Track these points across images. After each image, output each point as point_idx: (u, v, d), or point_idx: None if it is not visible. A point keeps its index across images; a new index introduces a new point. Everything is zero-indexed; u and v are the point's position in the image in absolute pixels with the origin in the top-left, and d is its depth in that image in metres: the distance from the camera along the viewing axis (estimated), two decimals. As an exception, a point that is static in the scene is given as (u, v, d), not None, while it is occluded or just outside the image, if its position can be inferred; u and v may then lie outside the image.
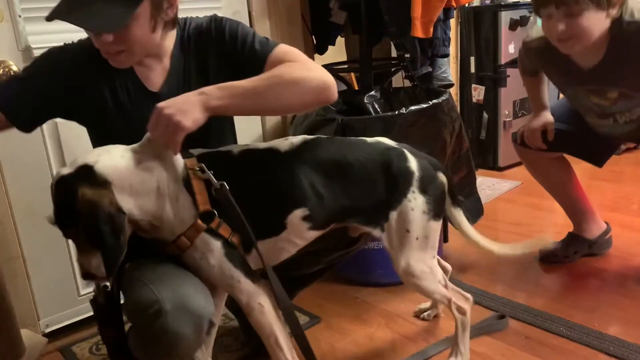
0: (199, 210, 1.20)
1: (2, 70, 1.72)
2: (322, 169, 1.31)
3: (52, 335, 1.94)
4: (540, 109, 2.11)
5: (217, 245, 1.21)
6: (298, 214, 1.29)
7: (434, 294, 1.49)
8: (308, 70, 1.27)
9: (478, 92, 3.47)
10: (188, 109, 1.14)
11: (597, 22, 1.65)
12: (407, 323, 1.90)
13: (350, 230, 1.51)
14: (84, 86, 1.32)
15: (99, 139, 1.31)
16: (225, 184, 1.20)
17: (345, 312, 2.01)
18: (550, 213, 2.76)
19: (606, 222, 2.25)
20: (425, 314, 1.90)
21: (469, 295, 1.57)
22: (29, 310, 1.88)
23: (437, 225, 1.42)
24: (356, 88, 2.91)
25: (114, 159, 1.17)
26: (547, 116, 2.08)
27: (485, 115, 3.51)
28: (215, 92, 1.18)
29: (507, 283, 2.12)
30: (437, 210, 1.41)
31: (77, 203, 1.10)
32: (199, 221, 1.20)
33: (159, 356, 1.24)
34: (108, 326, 1.37)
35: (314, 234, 1.36)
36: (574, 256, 2.20)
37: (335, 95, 1.30)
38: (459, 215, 1.56)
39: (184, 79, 1.37)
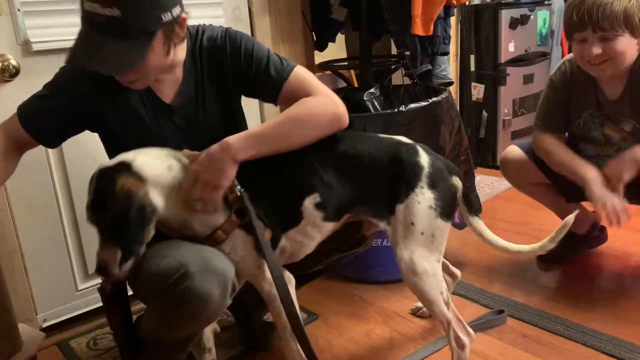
0: (233, 207, 1.27)
1: (1, 63, 1.72)
2: (332, 159, 1.36)
3: (50, 330, 1.94)
4: (588, 166, 1.85)
5: (248, 238, 1.28)
6: (311, 200, 1.34)
7: (433, 306, 1.43)
8: (322, 106, 1.34)
9: (478, 91, 3.47)
10: (222, 167, 1.24)
11: (630, 48, 1.70)
12: (405, 321, 1.90)
13: (363, 228, 1.54)
14: (104, 103, 1.34)
15: (116, 151, 1.32)
16: (244, 191, 1.27)
17: (343, 309, 2.01)
18: (549, 212, 2.75)
19: (594, 211, 2.24)
20: (421, 311, 1.91)
21: (472, 332, 1.51)
22: (27, 304, 1.88)
23: (444, 225, 1.40)
24: (356, 85, 2.91)
25: (149, 159, 1.25)
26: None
27: (484, 113, 3.51)
28: (241, 145, 1.26)
29: (505, 281, 2.12)
30: (446, 210, 1.39)
31: (115, 191, 1.18)
32: (234, 216, 1.26)
33: (182, 324, 1.27)
34: (115, 313, 1.41)
35: (328, 226, 1.39)
36: (570, 254, 2.20)
37: (346, 122, 1.38)
38: (479, 224, 1.53)
39: (196, 89, 1.38)
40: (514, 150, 2.14)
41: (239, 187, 1.27)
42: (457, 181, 1.43)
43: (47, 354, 1.85)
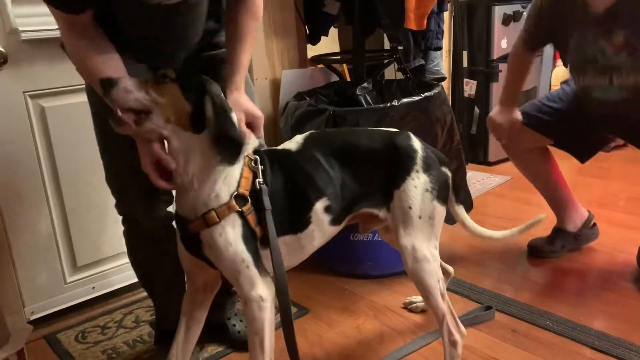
0: (238, 192, 1.24)
1: (-12, 52, 1.69)
2: (333, 159, 1.36)
3: (38, 323, 1.92)
4: (512, 102, 2.14)
5: (240, 226, 1.23)
6: (321, 204, 1.34)
7: (430, 295, 1.43)
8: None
9: (470, 87, 3.47)
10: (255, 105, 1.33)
11: None
12: (396, 315, 1.90)
13: (361, 227, 1.54)
14: None
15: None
16: (265, 185, 1.26)
17: (333, 304, 2.01)
18: (539, 208, 2.76)
19: (588, 210, 2.28)
20: (413, 305, 1.91)
21: (463, 329, 1.50)
22: (14, 297, 1.86)
23: (441, 209, 1.42)
24: (348, 79, 2.90)
25: None
26: (517, 113, 2.13)
27: (476, 109, 3.52)
28: (242, 83, 1.34)
29: (495, 277, 2.13)
30: (441, 193, 1.41)
31: None
32: (233, 201, 1.22)
33: None
34: None
35: (332, 230, 1.39)
36: (561, 250, 2.23)
37: None
38: (461, 211, 1.58)
39: None
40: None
41: (260, 180, 1.26)
42: (447, 170, 1.46)
43: (34, 347, 1.83)
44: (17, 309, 1.87)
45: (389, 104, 1.94)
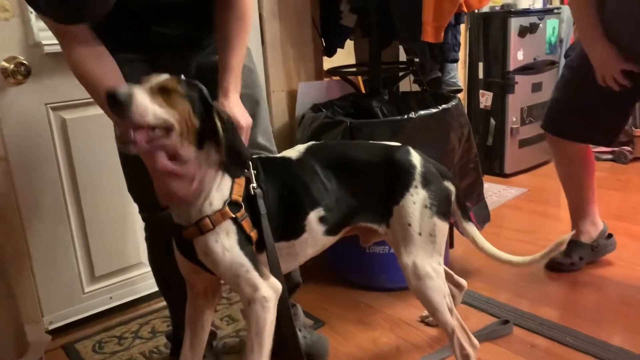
0: (231, 199, 1.24)
1: (13, 65, 1.72)
2: (331, 171, 1.36)
3: (56, 333, 1.94)
4: (602, 36, 1.88)
5: (234, 232, 1.23)
6: (315, 214, 1.34)
7: (437, 312, 1.42)
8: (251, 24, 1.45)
9: (486, 98, 3.47)
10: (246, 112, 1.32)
11: None
12: (412, 329, 1.89)
13: (361, 240, 1.53)
14: None
15: None
16: (260, 190, 1.26)
17: (349, 316, 2.00)
18: (556, 221, 2.75)
19: (603, 222, 2.25)
20: (430, 319, 1.89)
21: (476, 342, 1.48)
22: (33, 306, 1.88)
23: (442, 225, 1.40)
24: (363, 91, 2.91)
25: None
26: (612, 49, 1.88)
27: (492, 121, 3.50)
28: (239, 84, 1.35)
29: (512, 290, 2.11)
30: (441, 209, 1.39)
31: None
32: (227, 208, 1.22)
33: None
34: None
35: (326, 241, 1.39)
36: (579, 263, 2.20)
37: None
38: (472, 229, 1.52)
39: None
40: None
41: (254, 185, 1.26)
42: (449, 185, 1.44)
43: (53, 357, 1.84)
44: (36, 318, 1.88)
45: (405, 116, 1.94)
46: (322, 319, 1.99)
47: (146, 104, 1.06)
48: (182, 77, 1.22)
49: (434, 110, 1.98)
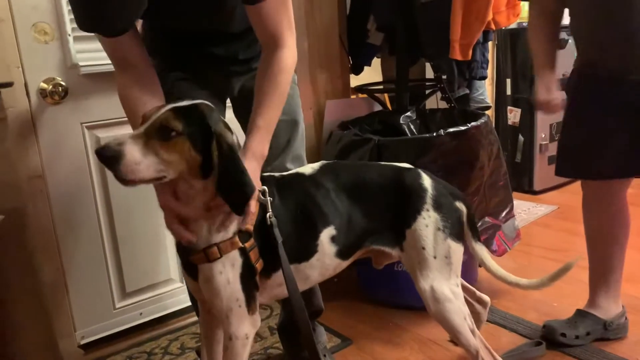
0: (241, 227, 1.21)
1: (51, 86, 1.78)
2: (342, 191, 1.36)
3: (87, 347, 1.96)
4: (552, 67, 1.86)
5: (239, 265, 1.22)
6: (327, 233, 1.32)
7: (458, 334, 1.40)
8: (290, 72, 1.36)
9: (514, 115, 3.44)
10: (255, 179, 1.25)
11: None
12: (441, 349, 1.86)
13: (374, 261, 1.52)
14: None
15: None
16: (275, 218, 1.24)
17: (377, 335, 1.98)
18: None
19: (622, 305, 1.90)
20: (460, 339, 1.86)
21: None
22: (66, 321, 1.91)
23: (456, 247, 1.39)
24: (389, 108, 2.91)
25: None
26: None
27: (520, 137, 3.47)
28: (265, 147, 1.30)
29: (543, 310, 2.06)
30: (454, 230, 1.38)
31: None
32: (236, 238, 1.21)
33: None
34: None
35: (337, 263, 1.38)
36: (586, 338, 1.81)
37: None
38: (481, 250, 1.50)
39: None
40: None
41: (270, 213, 1.24)
42: (461, 206, 1.42)
43: (84, 371, 1.87)
44: (69, 333, 1.91)
45: (434, 134, 1.94)
46: (349, 337, 1.97)
47: (136, 160, 1.06)
48: (184, 103, 1.14)
49: (463, 128, 1.97)
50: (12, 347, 1.52)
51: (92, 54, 1.81)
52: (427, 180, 1.40)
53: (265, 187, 1.26)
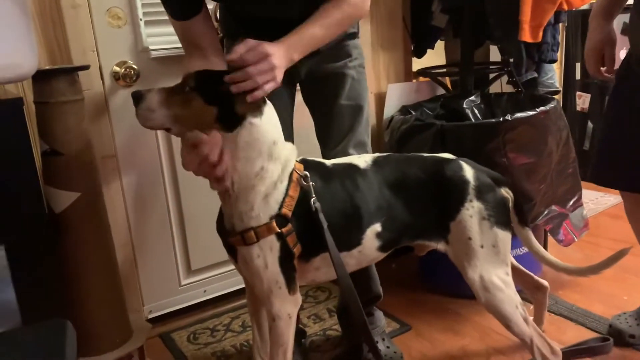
0: (280, 212, 1.22)
1: (123, 69, 1.84)
2: (389, 186, 1.34)
3: (154, 322, 2.04)
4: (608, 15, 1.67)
5: (278, 249, 1.23)
6: (373, 229, 1.33)
7: (511, 323, 1.38)
8: (356, 9, 1.35)
9: (583, 100, 3.29)
10: (283, 64, 1.21)
11: None
12: (503, 338, 1.83)
13: (416, 250, 1.50)
14: None
15: None
16: (319, 204, 1.24)
17: (436, 322, 1.97)
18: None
19: None
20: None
21: (558, 350, 1.42)
22: (136, 296, 2.00)
23: (504, 235, 1.36)
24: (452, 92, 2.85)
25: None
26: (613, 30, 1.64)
27: (589, 124, 3.32)
28: (298, 47, 1.27)
29: (612, 304, 1.98)
30: (500, 218, 1.35)
31: None
32: (274, 223, 1.21)
33: None
34: None
35: (376, 256, 1.39)
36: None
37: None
38: (528, 235, 1.48)
39: None
40: None
41: (314, 198, 1.24)
42: (506, 192, 1.40)
43: (152, 344, 1.94)
44: (138, 307, 2.00)
45: (501, 119, 1.88)
46: (408, 323, 1.97)
47: (150, 107, 1.15)
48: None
49: (531, 113, 1.90)
50: (89, 318, 1.60)
51: (162, 37, 1.87)
52: (469, 172, 1.37)
53: (307, 172, 1.26)
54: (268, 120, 1.21)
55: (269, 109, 1.23)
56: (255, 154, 1.19)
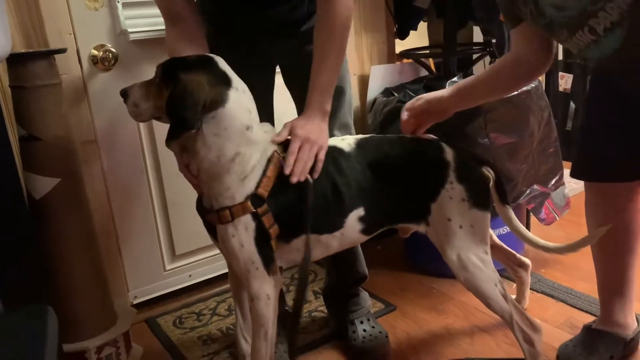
0: (256, 191, 1.22)
1: (102, 52, 1.81)
2: (371, 169, 1.34)
3: (139, 307, 2.04)
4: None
5: (253, 228, 1.23)
6: (356, 213, 1.33)
7: (490, 301, 1.39)
8: (347, 29, 1.37)
9: (565, 81, 3.31)
10: (322, 131, 1.32)
11: None
12: (485, 316, 1.85)
13: (400, 231, 1.51)
14: None
15: None
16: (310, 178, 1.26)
17: (421, 302, 1.99)
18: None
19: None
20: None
21: (538, 325, 1.43)
22: (120, 282, 2.00)
23: (482, 215, 1.37)
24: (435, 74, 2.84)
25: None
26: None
27: (572, 104, 3.34)
28: (327, 103, 1.36)
29: (593, 280, 2.00)
30: (479, 199, 1.36)
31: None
32: (249, 203, 1.21)
33: None
34: None
35: (359, 238, 1.39)
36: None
37: None
38: (509, 213, 1.49)
39: None
40: None
41: (309, 176, 1.26)
42: (488, 171, 1.40)
43: (137, 329, 1.94)
44: (123, 293, 2.00)
45: (483, 100, 1.88)
46: (393, 303, 1.99)
47: (137, 103, 1.23)
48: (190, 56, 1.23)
49: (512, 93, 1.91)
50: (71, 305, 1.59)
51: (141, 20, 1.84)
52: (449, 154, 1.37)
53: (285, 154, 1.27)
54: (235, 106, 1.20)
55: (236, 94, 1.20)
56: (226, 142, 1.19)
